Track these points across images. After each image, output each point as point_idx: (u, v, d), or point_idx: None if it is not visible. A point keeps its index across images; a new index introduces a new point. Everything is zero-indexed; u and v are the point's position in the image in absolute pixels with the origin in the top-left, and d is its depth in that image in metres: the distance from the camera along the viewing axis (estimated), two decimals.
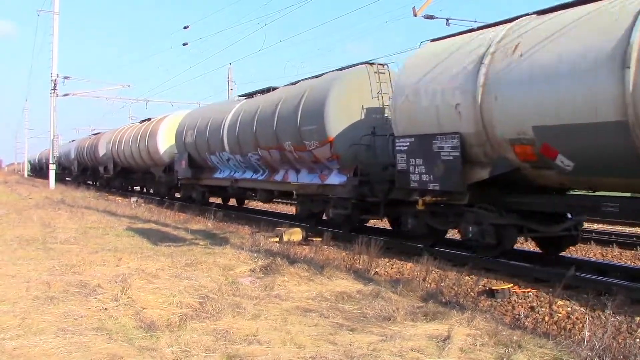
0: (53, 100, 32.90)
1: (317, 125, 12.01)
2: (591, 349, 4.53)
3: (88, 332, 4.96)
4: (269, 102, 14.79)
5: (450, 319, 5.38)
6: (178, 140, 20.96)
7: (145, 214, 16.96)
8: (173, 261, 8.34)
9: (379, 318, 5.53)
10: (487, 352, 4.51)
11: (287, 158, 13.79)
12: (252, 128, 14.90)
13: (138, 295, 6.18)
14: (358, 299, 6.32)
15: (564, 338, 4.99)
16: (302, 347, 4.62)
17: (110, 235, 11.77)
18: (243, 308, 5.78)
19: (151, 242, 10.73)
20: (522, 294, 7.23)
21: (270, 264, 7.95)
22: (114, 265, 8.02)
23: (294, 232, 12.03)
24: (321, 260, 9.01)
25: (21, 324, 5.16)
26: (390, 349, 4.54)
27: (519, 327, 5.68)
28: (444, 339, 4.77)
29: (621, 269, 8.69)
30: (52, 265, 7.97)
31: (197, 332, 4.99)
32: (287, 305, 6.04)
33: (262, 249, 9.61)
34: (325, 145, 12.02)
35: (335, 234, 12.03)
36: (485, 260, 9.01)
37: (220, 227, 14.11)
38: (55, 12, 32.49)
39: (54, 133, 33.54)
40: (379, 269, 8.87)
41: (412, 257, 9.25)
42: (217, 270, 7.78)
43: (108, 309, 5.74)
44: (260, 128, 14.55)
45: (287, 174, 14.28)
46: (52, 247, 9.87)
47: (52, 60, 32.56)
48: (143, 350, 4.54)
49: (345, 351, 4.50)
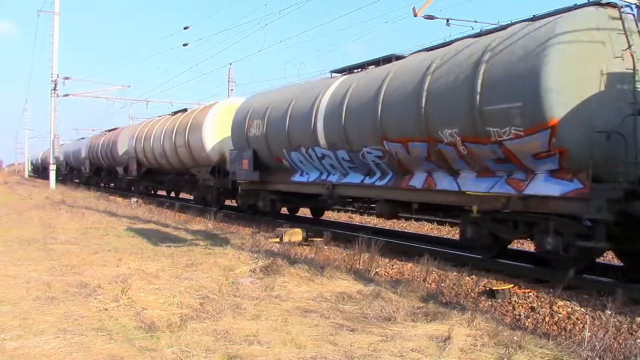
0: (53, 101, 32.94)
1: (523, 103, 7.73)
2: (592, 350, 4.53)
3: (88, 332, 4.96)
4: (404, 72, 10.36)
5: (450, 319, 5.37)
6: (236, 134, 16.20)
7: (146, 215, 16.96)
8: (173, 262, 8.34)
9: (380, 318, 5.53)
10: (487, 353, 4.51)
11: (442, 155, 9.42)
12: (374, 112, 10.49)
13: (138, 295, 6.18)
14: (358, 300, 6.32)
15: (565, 338, 4.98)
16: (302, 348, 4.62)
17: (110, 236, 11.78)
18: (243, 308, 5.78)
19: (151, 242, 10.73)
20: (523, 295, 7.23)
21: (270, 265, 7.95)
22: (115, 266, 8.02)
23: (295, 233, 12.03)
24: (321, 260, 9.02)
25: (21, 325, 5.16)
26: (391, 350, 4.54)
27: (519, 327, 5.67)
28: (445, 340, 4.77)
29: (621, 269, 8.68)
30: (52, 266, 7.97)
31: (198, 332, 4.99)
32: (288, 305, 6.04)
33: (263, 250, 9.61)
34: (539, 134, 7.62)
35: (335, 234, 12.01)
36: (485, 261, 9.02)
37: (221, 228, 14.12)
38: (56, 13, 32.55)
39: (54, 133, 33.57)
40: (380, 270, 8.87)
41: (412, 258, 9.24)
42: (217, 271, 7.78)
43: (108, 309, 5.74)
44: (391, 112, 10.21)
45: (432, 177, 9.93)
46: (52, 247, 9.87)
47: (52, 61, 32.63)
48: (143, 350, 4.54)
49: (345, 351, 4.50)
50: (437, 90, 9.21)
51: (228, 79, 35.00)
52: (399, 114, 10.02)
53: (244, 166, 15.42)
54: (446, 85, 9.06)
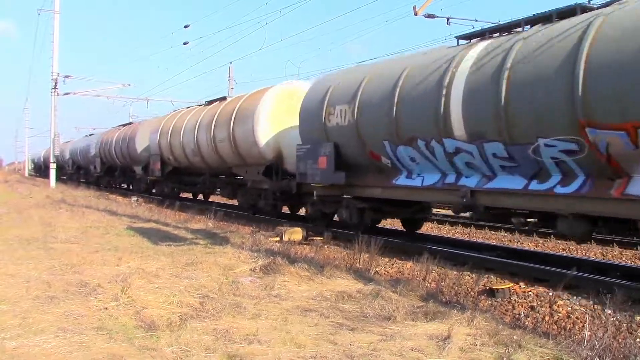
0: (54, 100, 32.92)
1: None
2: (591, 349, 4.53)
3: (88, 331, 4.96)
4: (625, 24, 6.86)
5: (450, 318, 5.37)
6: (307, 124, 12.54)
7: (146, 214, 16.97)
8: (173, 261, 8.34)
9: (379, 317, 5.53)
10: (487, 352, 4.51)
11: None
12: (568, 86, 7.15)
13: (138, 294, 6.18)
14: (358, 299, 6.32)
15: (564, 337, 4.98)
16: (302, 347, 4.62)
17: (110, 235, 11.78)
18: (243, 308, 5.78)
19: (151, 241, 10.73)
20: (522, 294, 7.23)
21: (270, 264, 7.95)
22: (115, 265, 8.02)
23: (295, 232, 12.02)
24: (321, 259, 9.01)
25: (21, 324, 5.16)
26: (391, 349, 4.54)
27: (519, 326, 5.67)
28: (444, 339, 4.77)
29: (621, 269, 8.69)
30: (52, 265, 7.97)
31: (198, 331, 4.99)
32: (288, 304, 6.04)
33: (263, 249, 9.61)
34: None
35: (335, 233, 11.99)
36: (485, 260, 9.02)
37: (221, 227, 14.12)
38: (56, 11, 32.51)
39: (54, 132, 33.57)
40: (379, 269, 8.87)
41: (412, 257, 9.25)
42: (217, 270, 7.78)
43: (108, 308, 5.74)
44: (605, 83, 6.82)
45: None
46: (52, 246, 9.87)
47: (52, 60, 32.58)
48: (143, 349, 4.54)
49: (345, 351, 4.50)
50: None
51: (228, 77, 34.94)
52: (622, 85, 6.62)
53: (320, 165, 11.95)
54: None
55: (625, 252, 11.07)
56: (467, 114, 8.66)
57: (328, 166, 11.66)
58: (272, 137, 14.95)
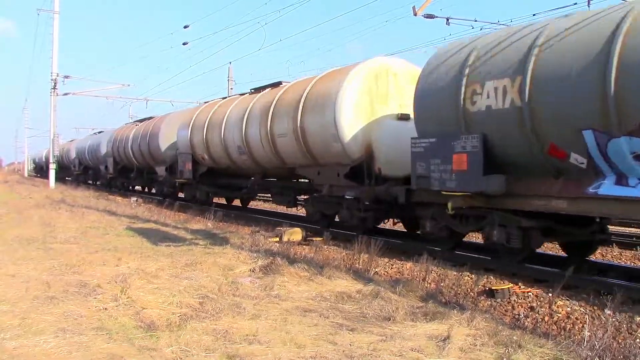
0: (53, 100, 32.87)
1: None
2: (591, 349, 4.53)
3: (88, 332, 4.96)
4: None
5: (450, 319, 5.38)
6: (429, 110, 9.21)
7: (145, 214, 16.96)
8: (173, 261, 8.34)
9: (379, 318, 5.53)
10: (487, 352, 4.51)
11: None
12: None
13: (138, 295, 6.18)
14: (358, 299, 6.32)
15: (564, 338, 4.99)
16: (302, 347, 4.62)
17: (110, 235, 11.77)
18: (243, 308, 5.78)
19: (151, 242, 10.73)
20: (522, 294, 7.23)
21: (270, 264, 7.95)
22: (114, 265, 8.02)
23: (294, 232, 12.01)
24: (321, 260, 9.01)
25: (21, 324, 5.16)
26: (390, 349, 4.54)
27: (518, 327, 5.68)
28: (444, 339, 4.77)
29: (621, 269, 8.69)
30: (52, 265, 7.97)
31: (197, 332, 4.99)
32: (287, 305, 6.04)
33: (262, 249, 9.61)
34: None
35: (335, 233, 12.00)
36: (486, 260, 9.01)
37: (220, 227, 14.11)
38: (56, 11, 32.49)
39: (54, 132, 33.55)
40: (379, 269, 8.87)
41: (411, 257, 9.25)
42: (217, 270, 7.78)
43: (108, 308, 5.74)
44: None
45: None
46: (52, 246, 9.87)
47: (52, 60, 32.54)
48: (143, 350, 4.54)
49: (345, 351, 4.50)
50: None
51: (228, 77, 35.01)
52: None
53: (457, 166, 8.61)
54: None
55: (625, 253, 11.06)
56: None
57: (471, 167, 8.33)
58: (360, 130, 11.36)
